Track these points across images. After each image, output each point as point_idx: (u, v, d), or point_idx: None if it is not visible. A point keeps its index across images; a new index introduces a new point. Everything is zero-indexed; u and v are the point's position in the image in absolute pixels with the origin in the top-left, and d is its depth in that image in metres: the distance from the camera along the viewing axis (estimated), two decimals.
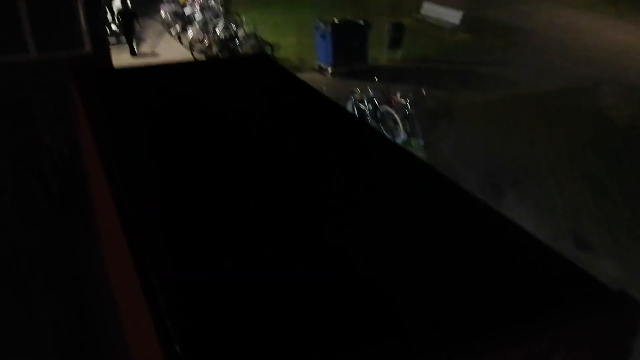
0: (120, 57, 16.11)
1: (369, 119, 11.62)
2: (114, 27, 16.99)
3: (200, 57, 15.78)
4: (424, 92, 12.26)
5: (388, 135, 11.13)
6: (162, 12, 18.76)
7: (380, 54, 16.52)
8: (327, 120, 5.66)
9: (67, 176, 9.03)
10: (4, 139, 10.45)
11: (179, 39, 17.49)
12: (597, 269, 7.93)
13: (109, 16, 17.60)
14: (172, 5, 19.00)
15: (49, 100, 10.83)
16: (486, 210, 3.93)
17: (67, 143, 9.29)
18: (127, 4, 16.97)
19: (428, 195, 4.17)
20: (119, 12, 16.83)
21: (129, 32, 16.60)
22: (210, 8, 18.72)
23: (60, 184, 8.93)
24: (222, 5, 19.67)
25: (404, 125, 11.14)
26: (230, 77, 7.21)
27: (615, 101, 13.79)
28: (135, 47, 16.78)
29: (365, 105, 11.75)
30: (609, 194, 9.83)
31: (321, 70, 15.51)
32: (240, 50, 15.79)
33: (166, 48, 17.35)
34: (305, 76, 14.30)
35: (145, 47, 17.52)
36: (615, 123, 12.60)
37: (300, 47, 17.47)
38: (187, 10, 18.37)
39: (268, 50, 16.01)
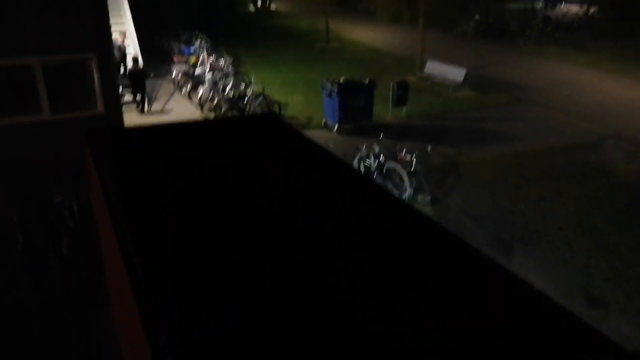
0: (132, 116, 16.47)
1: (375, 175, 11.71)
2: (125, 84, 17.42)
3: (210, 115, 16.11)
4: (429, 148, 12.39)
5: (394, 192, 11.19)
6: (174, 72, 19.30)
7: (385, 111, 16.81)
8: (333, 178, 5.74)
9: (77, 235, 9.08)
10: (16, 198, 10.58)
11: (189, 98, 17.91)
12: (610, 327, 7.79)
13: (121, 74, 18.08)
14: (183, 65, 19.56)
15: (60, 159, 11.02)
16: (494, 267, 3.93)
17: (78, 201, 9.38)
18: (137, 62, 17.47)
19: (434, 253, 4.17)
20: (129, 71, 17.29)
21: (140, 91, 17.05)
22: (220, 68, 19.25)
23: (70, 242, 8.97)
24: (231, 66, 20.23)
25: (410, 182, 11.21)
26: (239, 136, 7.36)
27: (622, 156, 13.86)
28: (146, 105, 17.19)
29: (371, 162, 11.87)
30: (618, 250, 9.75)
31: (328, 127, 15.76)
32: (249, 108, 16.12)
33: (177, 107, 17.75)
34: (312, 133, 14.55)
35: (156, 106, 17.94)
36: (622, 178, 12.62)
37: (308, 105, 17.82)
38: (198, 71, 18.89)
39: (276, 109, 16.34)
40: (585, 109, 17.75)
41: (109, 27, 13.05)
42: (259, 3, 40.20)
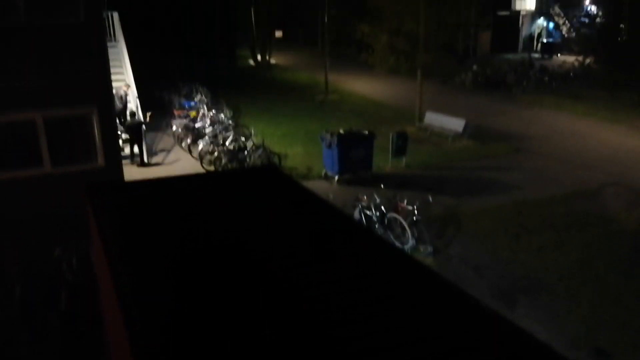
0: (132, 169, 16.58)
1: (376, 225, 11.68)
2: (124, 137, 17.58)
3: (210, 168, 16.20)
4: (430, 198, 12.40)
5: (396, 242, 11.13)
6: (174, 126, 19.53)
7: (385, 161, 16.92)
8: (334, 230, 5.71)
9: (76, 288, 8.99)
10: (16, 251, 10.53)
11: (190, 151, 18.06)
12: None
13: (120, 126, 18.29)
14: (184, 119, 19.82)
15: (61, 212, 11.03)
16: (496, 319, 3.87)
17: (78, 255, 9.34)
18: (135, 115, 17.70)
19: (436, 304, 4.12)
20: (127, 123, 17.44)
21: (138, 143, 17.24)
22: (220, 121, 19.49)
23: (69, 296, 8.88)
24: (231, 119, 20.49)
25: (411, 232, 11.17)
26: (240, 188, 7.38)
27: (622, 204, 13.86)
28: (145, 157, 17.34)
29: (372, 212, 11.86)
30: (623, 299, 9.61)
31: (328, 178, 15.83)
32: (249, 160, 16.23)
33: (177, 160, 17.88)
34: (312, 184, 14.61)
35: (157, 159, 18.08)
36: (624, 227, 12.57)
37: (307, 156, 17.96)
38: (198, 124, 19.12)
39: (276, 160, 16.45)
40: (584, 157, 17.87)
41: (110, 81, 13.31)
42: (259, 57, 41.08)
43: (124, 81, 19.50)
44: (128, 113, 17.92)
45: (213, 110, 20.96)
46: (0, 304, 9.05)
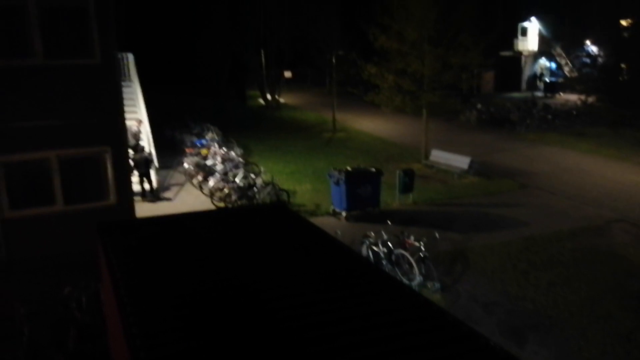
0: (143, 205, 16.77)
1: (384, 262, 11.73)
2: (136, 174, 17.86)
3: (220, 204, 16.38)
4: (437, 234, 12.47)
5: (403, 278, 11.16)
6: (186, 164, 19.85)
7: (392, 198, 17.05)
8: (342, 267, 5.78)
9: (84, 327, 9.03)
10: (24, 290, 10.62)
11: (200, 187, 18.30)
12: None
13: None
14: (195, 157, 20.14)
15: (72, 250, 11.14)
16: (507, 358, 3.90)
17: (87, 293, 9.41)
18: (144, 151, 18.02)
19: (446, 344, 4.15)
20: (135, 157, 17.47)
21: (147, 177, 17.55)
22: (230, 159, 19.78)
23: (76, 335, 8.92)
24: (241, 157, 20.79)
25: (419, 268, 11.21)
26: (249, 225, 7.51)
27: (630, 240, 13.85)
28: (154, 189, 17.61)
29: (379, 249, 11.93)
30: (634, 336, 9.56)
31: (336, 214, 15.95)
32: (258, 197, 16.41)
33: (188, 197, 18.10)
34: (320, 220, 14.72)
35: (168, 194, 18.36)
36: (633, 262, 12.55)
37: (315, 193, 18.13)
38: (209, 162, 19.43)
39: (284, 197, 16.63)
40: (589, 193, 17.93)
41: (124, 121, 13.62)
42: (269, 96, 41.76)
43: (138, 117, 19.94)
44: (140, 148, 18.23)
45: (224, 149, 21.29)
46: (8, 344, 9.10)
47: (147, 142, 19.19)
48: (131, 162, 16.40)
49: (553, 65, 47.29)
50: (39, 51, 12.01)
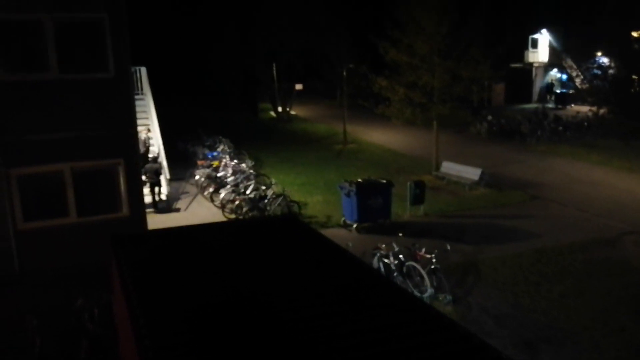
0: (155, 217, 16.89)
1: (395, 274, 11.72)
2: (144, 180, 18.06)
3: (231, 216, 16.46)
4: (448, 246, 12.44)
5: (415, 291, 11.14)
6: (197, 175, 20.01)
7: (403, 210, 17.04)
8: (353, 279, 5.80)
9: (95, 339, 9.09)
10: (36, 302, 10.72)
11: (212, 199, 18.42)
12: None
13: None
14: (207, 169, 20.30)
15: (84, 262, 11.24)
16: None
17: (99, 305, 9.48)
18: (156, 161, 18.20)
19: (457, 356, 4.15)
20: (147, 167, 17.62)
21: (158, 186, 17.87)
22: (241, 171, 19.91)
23: (88, 346, 8.98)
24: (252, 168, 20.91)
25: (430, 280, 11.18)
26: (260, 237, 7.56)
27: None
28: (164, 198, 17.86)
29: (390, 261, 11.92)
30: None
31: (346, 226, 15.96)
32: (269, 209, 16.48)
33: (199, 208, 18.22)
34: (331, 232, 14.74)
35: (180, 205, 18.49)
36: None
37: (326, 204, 18.16)
38: (220, 173, 19.58)
39: (295, 209, 16.67)
40: (601, 205, 17.82)
41: (137, 133, 13.78)
42: (280, 109, 41.98)
43: (147, 124, 20.18)
44: (150, 158, 18.41)
45: (235, 160, 21.43)
46: (21, 356, 9.17)
47: (157, 151, 19.43)
48: (142, 172, 16.60)
49: (564, 76, 47.18)
50: (53, 65, 12.22)
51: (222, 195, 17.38)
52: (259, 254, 6.73)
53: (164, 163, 19.17)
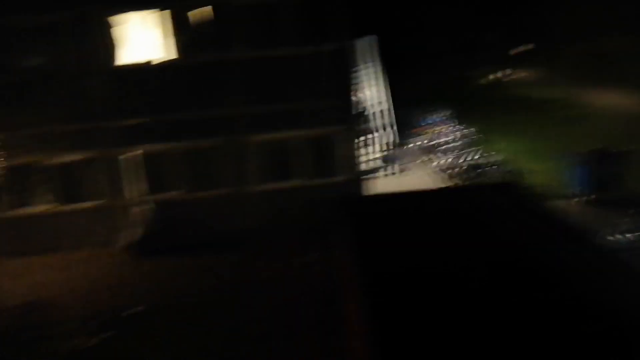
0: (376, 182, 17.68)
1: (627, 253, 10.67)
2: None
3: (451, 182, 16.54)
4: None
5: None
6: (418, 142, 20.49)
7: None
8: (578, 255, 5.46)
9: (322, 294, 9.77)
10: (266, 257, 11.96)
11: (433, 166, 18.72)
12: None
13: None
14: (427, 136, 20.67)
15: (313, 220, 12.29)
16: None
17: (327, 262, 10.19)
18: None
19: None
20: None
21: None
22: (461, 137, 19.79)
23: (313, 301, 9.72)
24: (473, 135, 20.59)
25: None
26: (477, 204, 7.56)
27: None
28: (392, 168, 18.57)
29: (623, 237, 10.89)
30: None
31: (575, 197, 14.89)
32: (489, 175, 16.19)
33: (419, 174, 18.64)
34: (557, 204, 13.87)
35: (400, 171, 19.20)
36: None
37: (551, 174, 17.07)
38: (440, 140, 19.76)
39: (518, 177, 16.02)
40: None
41: (356, 103, 14.65)
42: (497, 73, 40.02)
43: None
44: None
45: (454, 127, 21.31)
46: (254, 304, 10.45)
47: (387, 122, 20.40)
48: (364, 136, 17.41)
49: None
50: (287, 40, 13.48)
51: (441, 162, 17.58)
52: (476, 222, 6.75)
53: (390, 129, 19.97)
